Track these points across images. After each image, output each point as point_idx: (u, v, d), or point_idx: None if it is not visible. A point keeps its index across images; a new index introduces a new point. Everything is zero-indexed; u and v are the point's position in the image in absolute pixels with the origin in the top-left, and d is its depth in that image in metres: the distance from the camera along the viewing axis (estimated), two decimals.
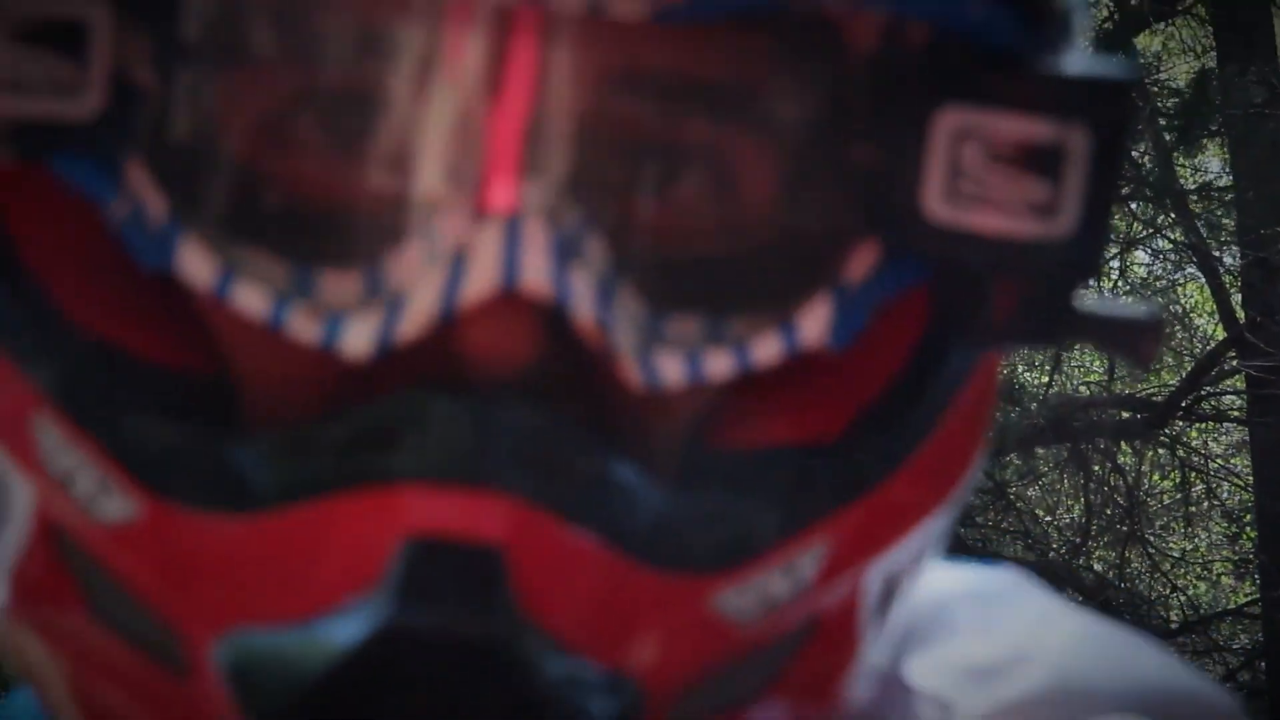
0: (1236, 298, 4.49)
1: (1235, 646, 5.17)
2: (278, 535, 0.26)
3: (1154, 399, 4.65)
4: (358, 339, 0.26)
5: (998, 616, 0.36)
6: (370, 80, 0.27)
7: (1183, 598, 5.36)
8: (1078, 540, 4.79)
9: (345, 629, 0.25)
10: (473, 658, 0.24)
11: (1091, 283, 0.29)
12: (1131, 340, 0.29)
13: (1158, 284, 5.23)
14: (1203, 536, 5.97)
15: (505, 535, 0.25)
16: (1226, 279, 4.43)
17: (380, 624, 0.24)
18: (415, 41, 0.26)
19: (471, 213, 0.25)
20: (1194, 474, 5.29)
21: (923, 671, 0.34)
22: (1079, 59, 0.28)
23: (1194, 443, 5.52)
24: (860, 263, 0.28)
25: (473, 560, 0.24)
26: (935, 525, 0.30)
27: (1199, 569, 5.85)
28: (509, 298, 0.25)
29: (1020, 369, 4.87)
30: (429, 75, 0.26)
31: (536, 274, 0.25)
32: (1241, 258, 4.25)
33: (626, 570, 0.26)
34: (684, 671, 0.27)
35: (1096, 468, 4.49)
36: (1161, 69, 4.54)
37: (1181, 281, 5.44)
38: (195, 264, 0.27)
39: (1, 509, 0.29)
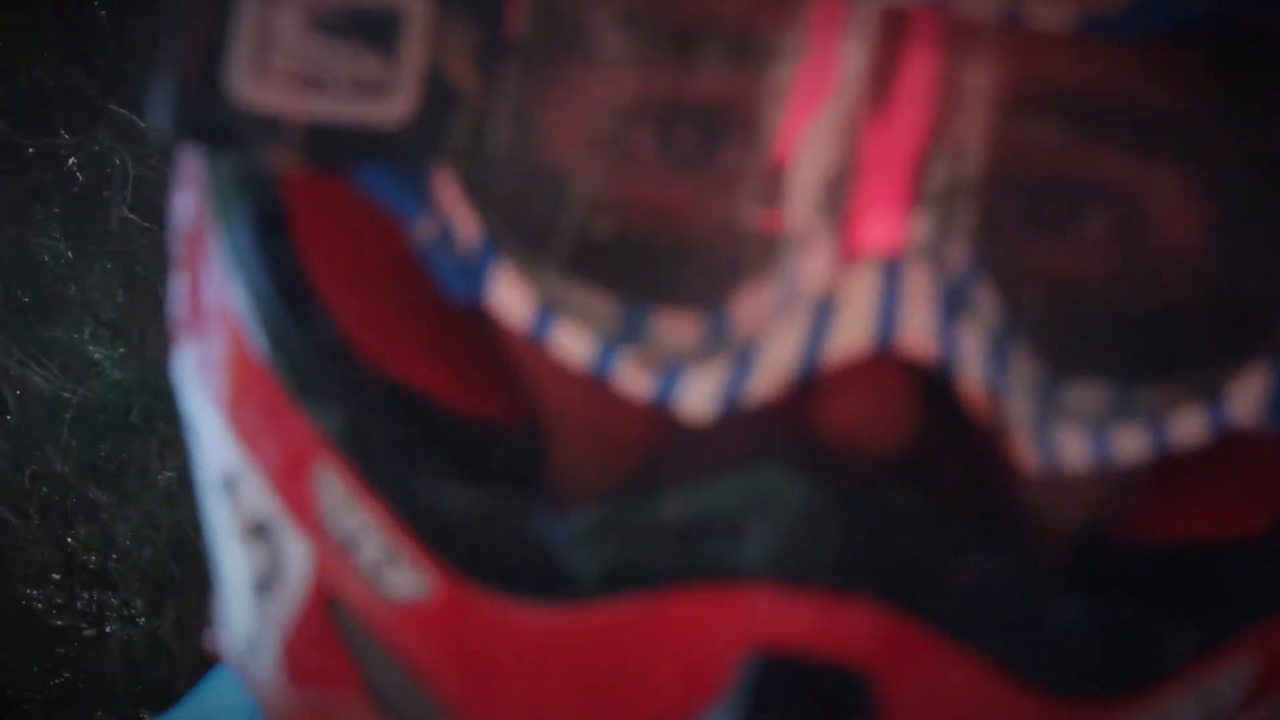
0: None
1: None
2: (598, 634, 0.21)
3: None
4: (700, 396, 0.20)
5: None
6: (727, 89, 0.21)
7: None
8: None
9: None
10: None
11: None
12: None
13: None
14: None
15: (872, 654, 0.19)
16: None
17: None
18: (785, 46, 0.21)
19: (842, 250, 0.20)
20: None
21: None
22: None
23: None
24: None
25: (832, 684, 0.19)
26: None
27: None
28: (883, 356, 0.20)
29: None
30: (798, 86, 0.21)
31: (919, 329, 0.20)
32: None
33: (1019, 699, 0.20)
34: None
35: None
36: None
37: None
38: (511, 296, 0.21)
39: (274, 567, 0.24)
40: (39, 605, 4.49)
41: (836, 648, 0.19)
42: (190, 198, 0.25)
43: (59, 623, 4.48)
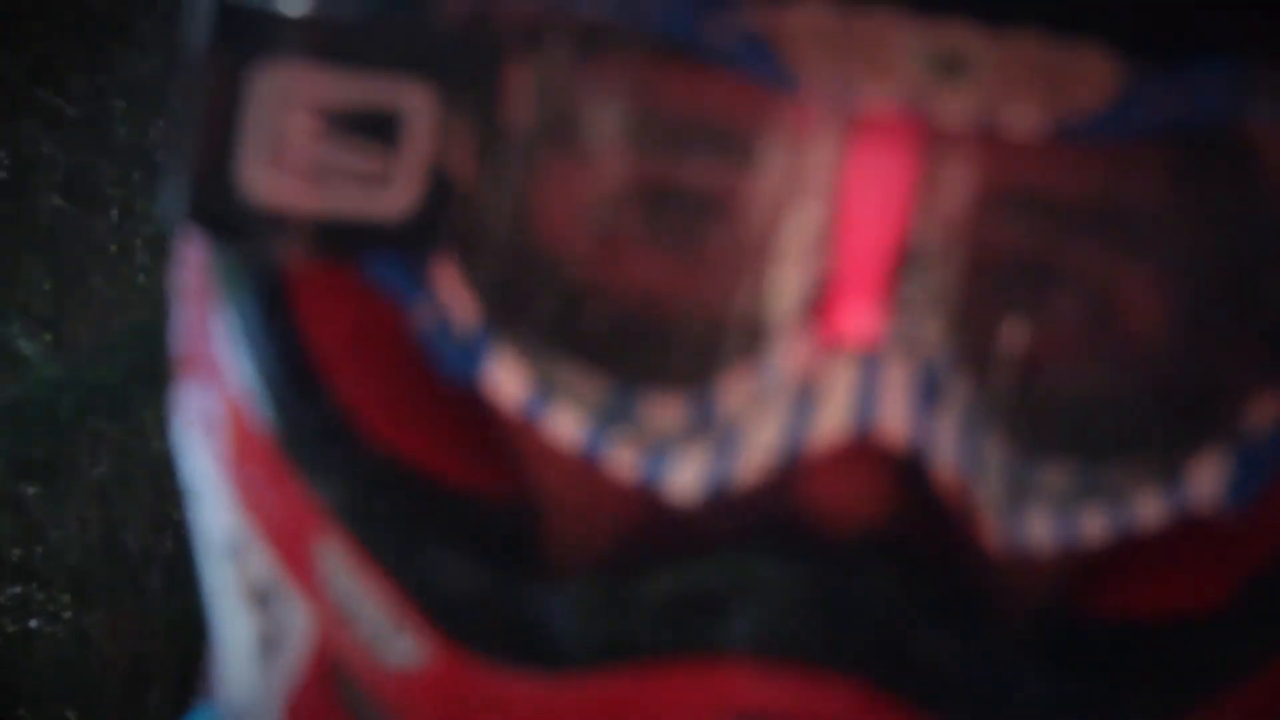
0: None
1: None
2: (591, 704, 0.22)
3: None
4: (686, 478, 0.22)
5: None
6: (715, 179, 0.23)
7: None
8: None
9: None
10: None
11: None
12: None
13: None
14: None
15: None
16: None
17: None
18: (771, 143, 0.22)
19: (822, 341, 0.22)
20: None
21: None
22: None
23: None
24: (1266, 412, 0.24)
25: None
26: None
27: None
28: (862, 445, 0.21)
29: None
30: (785, 179, 0.22)
31: (896, 420, 0.21)
32: None
33: None
34: None
35: None
36: None
37: None
38: (506, 379, 0.23)
39: (276, 632, 0.25)
40: None
41: (813, 718, 0.21)
42: (193, 269, 0.26)
43: None
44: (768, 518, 0.22)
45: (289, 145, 0.22)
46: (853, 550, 0.21)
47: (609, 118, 0.23)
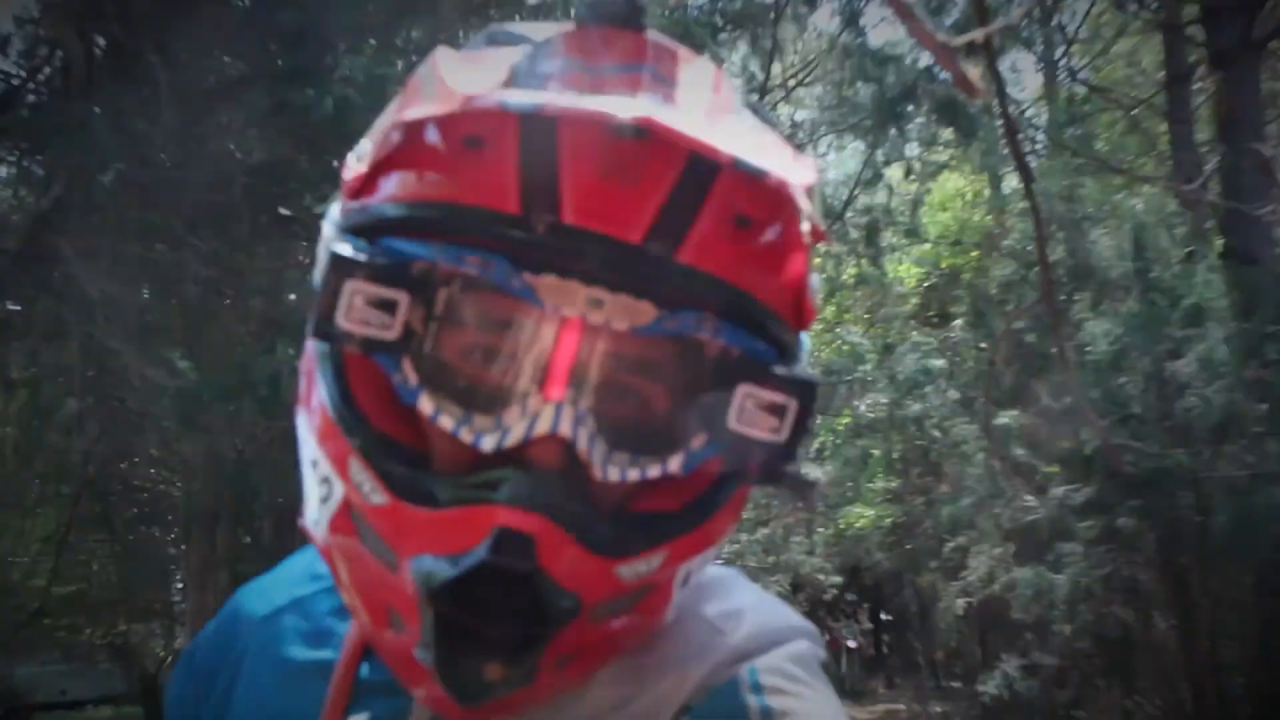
0: None
1: None
2: (444, 519, 0.59)
3: None
4: (488, 444, 0.60)
5: (736, 590, 0.75)
6: (505, 338, 0.61)
7: None
8: None
9: (467, 560, 0.58)
10: (516, 581, 0.57)
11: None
12: (802, 491, 0.63)
13: None
14: None
15: (538, 530, 0.57)
16: None
17: (481, 560, 0.57)
18: (530, 325, 0.60)
19: (542, 398, 0.60)
20: None
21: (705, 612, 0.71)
22: (805, 361, 0.64)
23: None
24: (700, 440, 0.61)
25: (522, 540, 0.57)
26: (711, 554, 0.66)
27: None
28: (552, 437, 0.59)
29: None
30: (533, 340, 0.60)
31: (566, 429, 0.59)
32: None
33: (584, 553, 0.59)
34: (600, 597, 0.60)
35: None
36: None
37: None
38: (425, 405, 0.61)
39: (329, 492, 0.64)
40: None
41: (526, 527, 0.58)
42: (308, 354, 0.66)
43: None
44: (516, 458, 0.60)
45: (351, 309, 0.59)
46: (546, 472, 0.59)
47: (468, 313, 0.62)
